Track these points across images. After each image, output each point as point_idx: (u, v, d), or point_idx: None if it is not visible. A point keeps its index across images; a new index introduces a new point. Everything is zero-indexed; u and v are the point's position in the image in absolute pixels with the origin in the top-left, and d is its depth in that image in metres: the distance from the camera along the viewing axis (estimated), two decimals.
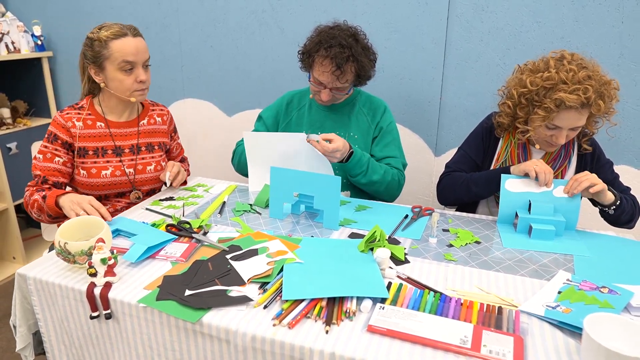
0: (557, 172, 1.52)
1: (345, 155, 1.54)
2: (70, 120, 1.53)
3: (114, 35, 1.46)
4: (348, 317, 0.98)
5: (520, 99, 1.43)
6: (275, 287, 1.07)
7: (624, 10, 1.73)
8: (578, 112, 1.34)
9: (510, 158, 1.55)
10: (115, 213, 1.62)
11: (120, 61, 1.46)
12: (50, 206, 1.39)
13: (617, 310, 0.99)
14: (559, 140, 1.39)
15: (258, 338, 0.94)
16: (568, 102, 1.31)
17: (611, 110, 1.41)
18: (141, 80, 1.51)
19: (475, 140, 1.62)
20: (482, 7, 1.90)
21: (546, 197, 1.38)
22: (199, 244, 1.27)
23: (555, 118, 1.36)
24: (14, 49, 2.59)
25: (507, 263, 1.21)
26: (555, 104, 1.33)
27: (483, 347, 0.88)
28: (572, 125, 1.37)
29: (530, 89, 1.39)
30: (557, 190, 1.37)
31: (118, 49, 1.46)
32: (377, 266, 1.14)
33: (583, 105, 1.33)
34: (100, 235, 1.12)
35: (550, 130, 1.41)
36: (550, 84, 1.35)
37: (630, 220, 1.45)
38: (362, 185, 1.64)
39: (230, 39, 2.36)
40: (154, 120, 1.68)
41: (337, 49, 1.53)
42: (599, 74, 1.35)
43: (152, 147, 1.66)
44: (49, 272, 1.15)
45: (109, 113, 1.59)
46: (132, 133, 1.62)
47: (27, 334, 1.20)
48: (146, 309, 1.03)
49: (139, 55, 1.49)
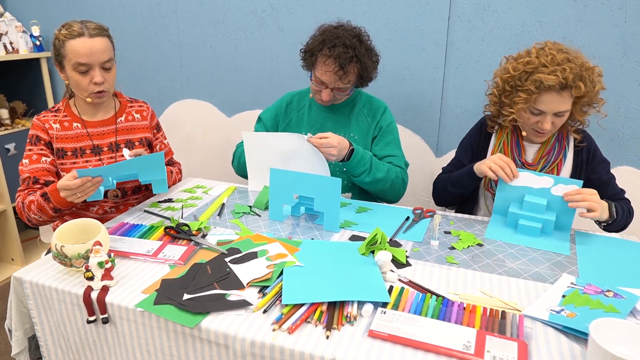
0: (552, 166, 1.51)
1: (343, 153, 1.51)
2: (48, 122, 1.52)
3: (70, 35, 1.43)
4: (349, 322, 0.96)
5: (505, 86, 1.46)
6: (274, 291, 1.05)
7: (627, 9, 1.72)
8: (559, 94, 1.35)
9: (504, 154, 1.54)
10: (105, 214, 1.61)
11: (75, 62, 1.44)
12: (56, 197, 1.37)
13: (622, 315, 0.97)
14: (544, 125, 1.39)
15: (257, 343, 0.92)
16: (546, 82, 1.33)
17: (597, 98, 1.41)
18: (96, 82, 1.47)
19: (465, 144, 1.66)
20: (483, 7, 1.88)
21: (543, 194, 1.37)
22: (198, 247, 1.25)
23: (538, 101, 1.37)
24: (12, 50, 2.58)
25: (510, 266, 1.19)
26: (535, 85, 1.35)
27: (487, 352, 0.86)
28: (555, 108, 1.37)
29: (513, 74, 1.42)
30: (555, 188, 1.35)
31: (72, 49, 1.43)
32: (378, 269, 1.12)
33: (562, 87, 1.34)
34: (97, 238, 1.10)
35: (535, 116, 1.41)
36: (531, 67, 1.37)
37: (622, 229, 1.45)
38: (366, 184, 1.62)
39: (229, 39, 2.34)
40: (132, 117, 1.65)
41: (341, 48, 1.51)
42: (579, 59, 1.36)
43: (132, 143, 1.63)
44: (46, 276, 1.13)
45: (83, 113, 1.57)
46: (110, 131, 1.59)
47: (22, 339, 1.18)
48: (144, 314, 1.01)
49: (93, 57, 1.44)
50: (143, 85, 2.59)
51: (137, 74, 2.58)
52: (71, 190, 1.33)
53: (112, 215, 1.60)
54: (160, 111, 2.62)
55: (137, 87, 2.59)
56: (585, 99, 1.38)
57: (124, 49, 2.52)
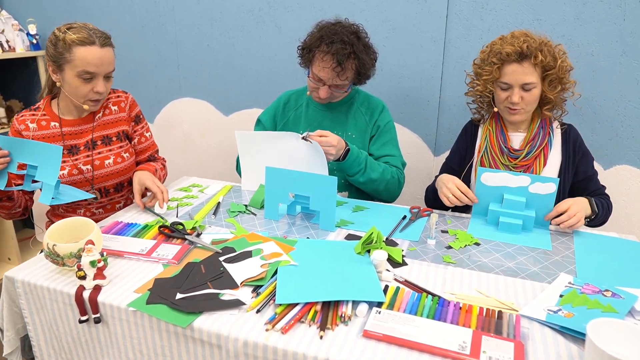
0: (538, 150, 1.52)
1: (340, 153, 1.51)
2: (24, 123, 1.49)
3: (80, 41, 1.38)
4: (343, 322, 0.95)
5: (477, 69, 1.55)
6: (268, 290, 1.04)
7: (626, 7, 1.70)
8: (519, 64, 1.41)
9: (490, 145, 1.57)
10: (93, 216, 1.56)
11: (81, 70, 1.39)
12: None
13: (620, 315, 0.96)
14: (514, 98, 1.44)
15: (250, 343, 0.91)
16: (505, 51, 1.41)
17: (567, 77, 1.45)
18: (97, 91, 1.44)
19: (454, 148, 1.71)
20: (481, 5, 1.87)
21: (520, 192, 1.38)
22: (192, 246, 1.24)
23: (502, 74, 1.44)
24: (8, 48, 2.57)
25: (507, 265, 1.18)
26: (496, 57, 1.44)
27: (482, 353, 0.85)
28: (520, 80, 1.42)
29: (482, 57, 1.52)
30: (533, 186, 1.36)
31: (81, 56, 1.38)
32: (373, 269, 1.11)
33: (520, 55, 1.40)
34: (90, 237, 1.09)
35: (504, 91, 1.47)
36: (496, 47, 1.46)
37: (601, 224, 1.48)
38: (360, 184, 1.61)
39: (227, 38, 2.33)
40: (110, 110, 1.58)
41: (338, 45, 1.50)
42: (541, 38, 1.43)
43: (109, 139, 1.56)
44: (38, 275, 1.12)
45: (67, 112, 1.53)
46: (87, 129, 1.54)
47: (14, 339, 1.17)
48: (136, 313, 1.00)
49: (102, 67, 1.42)
50: (140, 84, 2.57)
51: (134, 72, 2.56)
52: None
53: (100, 217, 1.57)
54: (157, 110, 2.61)
55: (133, 86, 2.58)
56: (551, 73, 1.42)
57: (121, 48, 2.49)
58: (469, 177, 1.63)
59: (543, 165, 1.51)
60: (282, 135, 1.55)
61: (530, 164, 1.52)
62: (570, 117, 1.63)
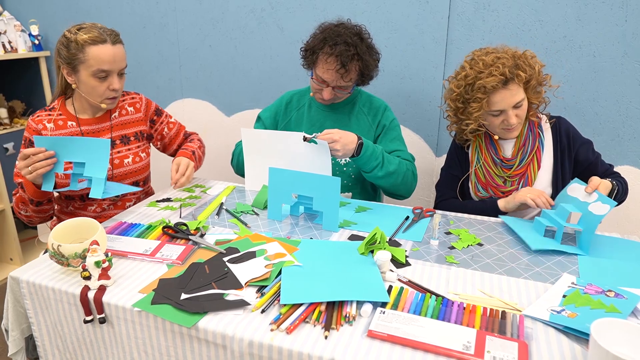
0: (530, 156, 1.53)
1: (349, 148, 1.47)
2: (42, 122, 1.51)
3: (92, 41, 1.40)
4: (348, 322, 0.95)
5: (456, 105, 1.53)
6: (273, 290, 1.04)
7: (627, 8, 1.71)
8: (506, 89, 1.41)
9: (483, 158, 1.58)
10: (103, 212, 1.60)
11: (96, 69, 1.42)
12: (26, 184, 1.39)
13: (624, 315, 0.96)
14: (511, 120, 1.44)
15: (255, 343, 0.91)
16: (489, 85, 1.40)
17: (542, 76, 1.46)
18: (114, 88, 1.47)
19: (452, 158, 1.69)
20: (483, 6, 1.87)
21: (580, 206, 1.32)
22: (196, 246, 1.25)
23: (491, 103, 1.44)
24: (11, 49, 2.57)
25: (510, 266, 1.18)
26: (481, 92, 1.43)
27: (487, 353, 0.86)
28: (510, 103, 1.42)
29: (458, 91, 1.49)
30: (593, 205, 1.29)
31: (95, 55, 1.41)
32: (377, 269, 1.12)
33: (505, 82, 1.40)
34: (95, 237, 1.09)
35: (497, 117, 1.47)
36: (471, 79, 1.44)
37: (621, 202, 1.47)
38: (378, 179, 1.57)
39: (228, 38, 2.33)
40: (126, 111, 1.63)
41: (342, 46, 1.50)
42: (508, 52, 1.44)
43: (128, 138, 1.61)
44: (43, 275, 1.13)
45: (82, 112, 1.55)
46: (105, 128, 1.58)
47: (19, 339, 1.17)
48: (141, 313, 1.01)
49: (115, 64, 1.45)
50: (142, 84, 2.58)
51: (136, 73, 2.57)
52: (24, 162, 1.32)
53: (110, 213, 1.60)
54: None
55: (135, 86, 2.58)
56: (532, 82, 1.44)
57: None
58: (465, 188, 1.64)
59: (537, 169, 1.52)
60: (287, 135, 1.55)
61: (524, 171, 1.53)
62: (571, 118, 1.64)
